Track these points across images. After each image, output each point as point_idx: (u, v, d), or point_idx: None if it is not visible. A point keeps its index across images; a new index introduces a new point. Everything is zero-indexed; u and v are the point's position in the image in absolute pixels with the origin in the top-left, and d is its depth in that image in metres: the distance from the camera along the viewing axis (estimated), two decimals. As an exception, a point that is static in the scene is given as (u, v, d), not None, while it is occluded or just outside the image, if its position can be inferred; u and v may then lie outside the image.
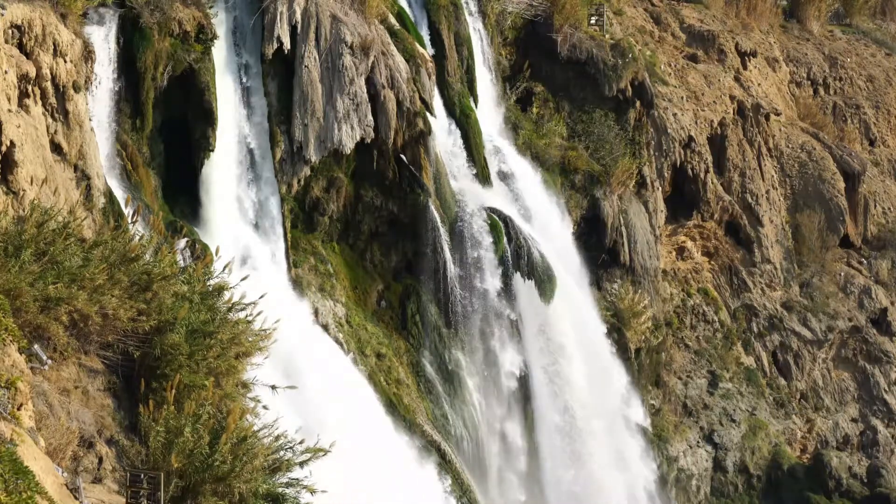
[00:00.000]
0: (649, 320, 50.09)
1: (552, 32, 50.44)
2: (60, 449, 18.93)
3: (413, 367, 40.82)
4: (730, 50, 61.51)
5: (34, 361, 19.82)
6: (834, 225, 60.56)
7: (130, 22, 34.77)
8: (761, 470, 53.56)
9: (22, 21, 29.32)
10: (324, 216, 40.02)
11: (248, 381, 23.96)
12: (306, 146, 38.46)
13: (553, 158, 48.52)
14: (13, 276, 20.38)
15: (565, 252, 46.15)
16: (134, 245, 23.28)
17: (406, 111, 40.13)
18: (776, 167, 60.66)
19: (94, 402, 21.31)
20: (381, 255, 41.38)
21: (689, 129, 54.95)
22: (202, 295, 23.72)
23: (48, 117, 30.22)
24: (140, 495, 19.04)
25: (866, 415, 58.06)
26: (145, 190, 34.79)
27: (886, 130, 68.97)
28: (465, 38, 45.80)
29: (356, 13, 39.92)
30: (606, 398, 46.43)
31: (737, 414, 53.77)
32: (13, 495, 14.57)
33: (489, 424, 42.46)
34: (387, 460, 35.41)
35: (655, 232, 51.77)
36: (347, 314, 39.60)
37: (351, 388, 36.84)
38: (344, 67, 38.78)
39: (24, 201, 26.71)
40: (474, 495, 39.58)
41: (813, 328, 57.86)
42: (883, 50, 72.85)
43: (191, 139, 36.42)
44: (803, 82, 67.36)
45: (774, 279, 58.13)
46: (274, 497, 21.22)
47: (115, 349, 22.26)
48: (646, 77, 51.56)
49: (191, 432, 19.82)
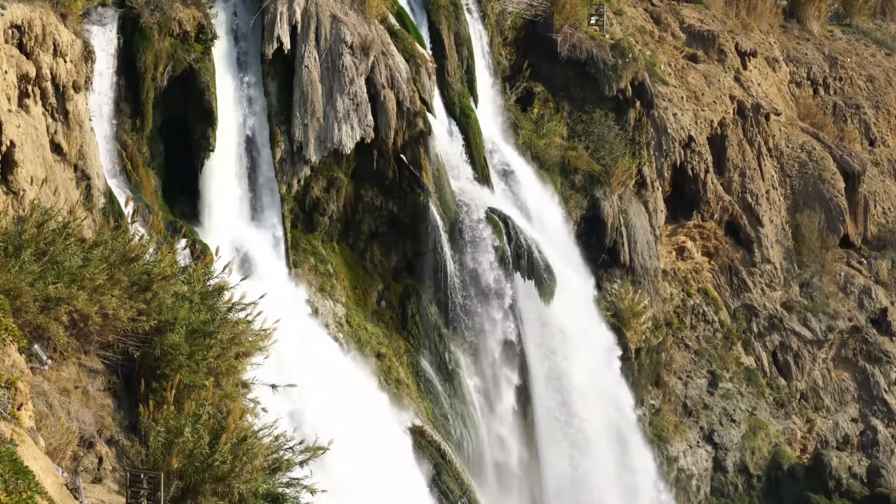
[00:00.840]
0: (649, 320, 50.09)
1: (552, 32, 50.43)
2: (60, 449, 18.92)
3: (413, 367, 40.81)
4: (730, 50, 61.50)
5: (34, 361, 19.81)
6: (834, 225, 60.55)
7: (130, 22, 34.77)
8: (761, 470, 53.55)
9: (22, 21, 29.31)
10: (324, 216, 40.03)
11: (248, 381, 23.96)
12: (306, 146, 38.46)
13: (553, 158, 48.53)
14: (13, 276, 20.37)
15: (565, 252, 46.14)
16: (134, 245, 23.27)
17: (406, 111, 40.13)
18: (776, 167, 60.66)
19: (94, 402, 21.30)
20: (381, 255, 41.38)
21: (689, 129, 54.95)
22: (202, 295, 23.71)
23: (48, 117, 30.21)
24: (140, 495, 19.04)
25: (866, 415, 58.05)
26: (145, 190, 34.78)
27: (886, 130, 68.96)
28: (465, 38, 45.79)
29: (356, 13, 39.92)
30: (606, 398, 46.44)
31: (737, 414, 53.76)
32: (13, 495, 14.57)
33: (489, 424, 42.45)
34: (386, 459, 35.39)
35: (655, 232, 51.77)
36: (347, 314, 39.60)
37: (351, 388, 36.82)
38: (344, 67, 38.78)
39: (24, 201, 26.71)
40: (474, 495, 39.58)
41: (813, 328, 57.86)
42: (883, 50, 72.85)
43: (191, 139, 36.41)
44: (803, 82, 67.36)
45: (774, 279, 58.13)
46: (274, 497, 21.22)
47: (115, 349, 22.25)
48: (646, 77, 51.56)
49: (191, 432, 19.82)
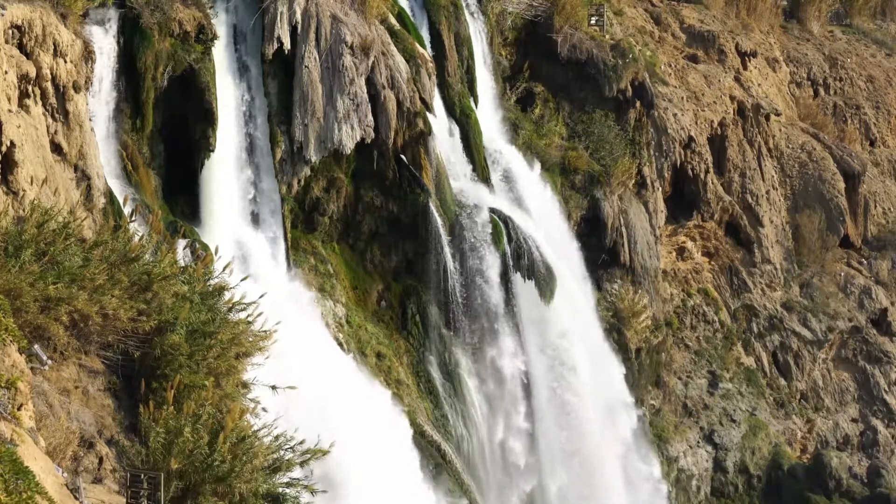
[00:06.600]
0: (649, 320, 50.10)
1: (552, 33, 50.43)
2: (60, 449, 18.91)
3: (413, 367, 40.81)
4: (730, 50, 61.50)
5: (34, 361, 19.79)
6: (834, 225, 60.56)
7: (131, 22, 34.75)
8: (761, 470, 53.56)
9: (22, 21, 29.30)
10: (324, 216, 40.03)
11: (248, 382, 23.95)
12: (306, 146, 38.46)
13: (553, 158, 48.53)
14: (13, 276, 20.34)
15: (565, 252, 46.14)
16: (134, 245, 23.23)
17: (406, 111, 40.13)
18: (776, 167, 60.66)
19: (95, 402, 21.29)
20: (381, 255, 41.37)
21: (689, 130, 54.95)
22: (202, 295, 23.68)
23: (48, 117, 30.20)
24: (140, 495, 19.02)
25: (866, 415, 58.06)
26: (145, 190, 34.78)
27: (886, 130, 68.97)
28: (465, 39, 45.78)
29: (356, 13, 39.91)
30: (607, 397, 46.43)
31: (737, 414, 53.77)
32: (13, 495, 14.56)
33: (489, 425, 42.45)
34: (386, 459, 35.39)
35: (655, 232, 51.78)
36: (347, 314, 39.60)
37: (351, 388, 36.81)
38: (344, 67, 38.78)
39: (25, 201, 26.70)
40: (474, 496, 39.59)
41: (813, 328, 57.86)
42: (883, 50, 72.88)
43: (191, 139, 36.41)
44: (803, 82, 67.37)
45: (774, 279, 58.13)
46: (274, 497, 21.21)
47: (116, 349, 22.23)
48: (646, 77, 51.56)
49: (191, 432, 19.81)
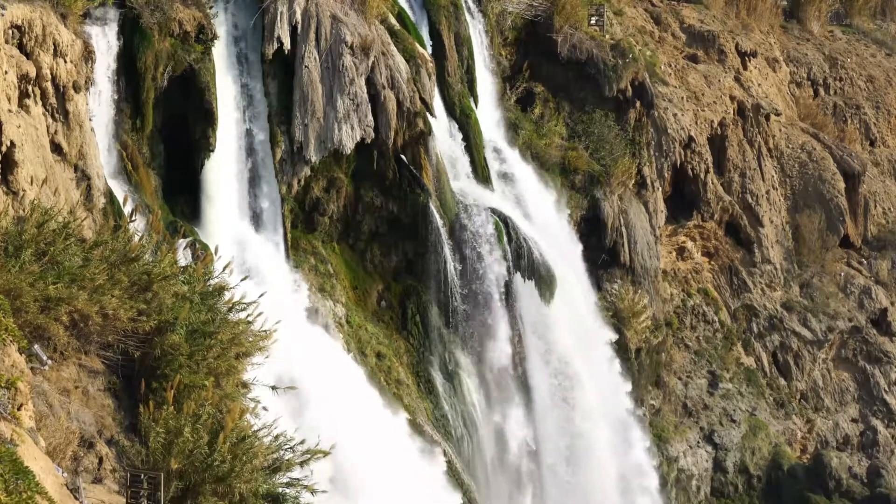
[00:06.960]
0: (649, 320, 50.09)
1: (552, 33, 50.42)
2: (60, 449, 18.91)
3: (413, 367, 40.81)
4: (730, 50, 61.50)
5: (34, 361, 19.79)
6: (834, 225, 60.55)
7: (131, 22, 34.76)
8: (761, 470, 53.55)
9: (22, 21, 29.30)
10: (324, 216, 40.03)
11: (248, 382, 23.94)
12: (306, 146, 38.46)
13: (553, 158, 48.52)
14: (13, 276, 20.33)
15: (565, 252, 46.13)
16: (134, 245, 23.23)
17: (406, 111, 40.13)
18: (776, 167, 60.66)
19: (95, 402, 21.29)
20: (381, 255, 41.37)
21: (689, 130, 54.94)
22: (202, 295, 23.67)
23: (48, 117, 30.21)
24: (140, 495, 19.02)
25: (866, 415, 58.05)
26: (145, 190, 34.78)
27: (886, 130, 68.96)
28: (465, 39, 45.78)
29: (356, 13, 39.91)
30: (607, 397, 46.41)
31: (737, 414, 53.76)
32: (13, 495, 14.56)
33: (489, 425, 42.44)
34: (386, 459, 35.38)
35: (655, 232, 51.77)
36: (347, 314, 39.60)
37: (351, 388, 36.82)
38: (344, 67, 38.78)
39: (25, 201, 26.70)
40: (474, 496, 39.58)
41: (813, 328, 57.86)
42: (883, 50, 72.87)
43: (191, 139, 36.42)
44: (803, 82, 67.36)
45: (774, 279, 58.12)
46: (274, 497, 21.20)
47: (116, 349, 22.22)
48: (646, 77, 51.55)
49: (191, 432, 19.80)
